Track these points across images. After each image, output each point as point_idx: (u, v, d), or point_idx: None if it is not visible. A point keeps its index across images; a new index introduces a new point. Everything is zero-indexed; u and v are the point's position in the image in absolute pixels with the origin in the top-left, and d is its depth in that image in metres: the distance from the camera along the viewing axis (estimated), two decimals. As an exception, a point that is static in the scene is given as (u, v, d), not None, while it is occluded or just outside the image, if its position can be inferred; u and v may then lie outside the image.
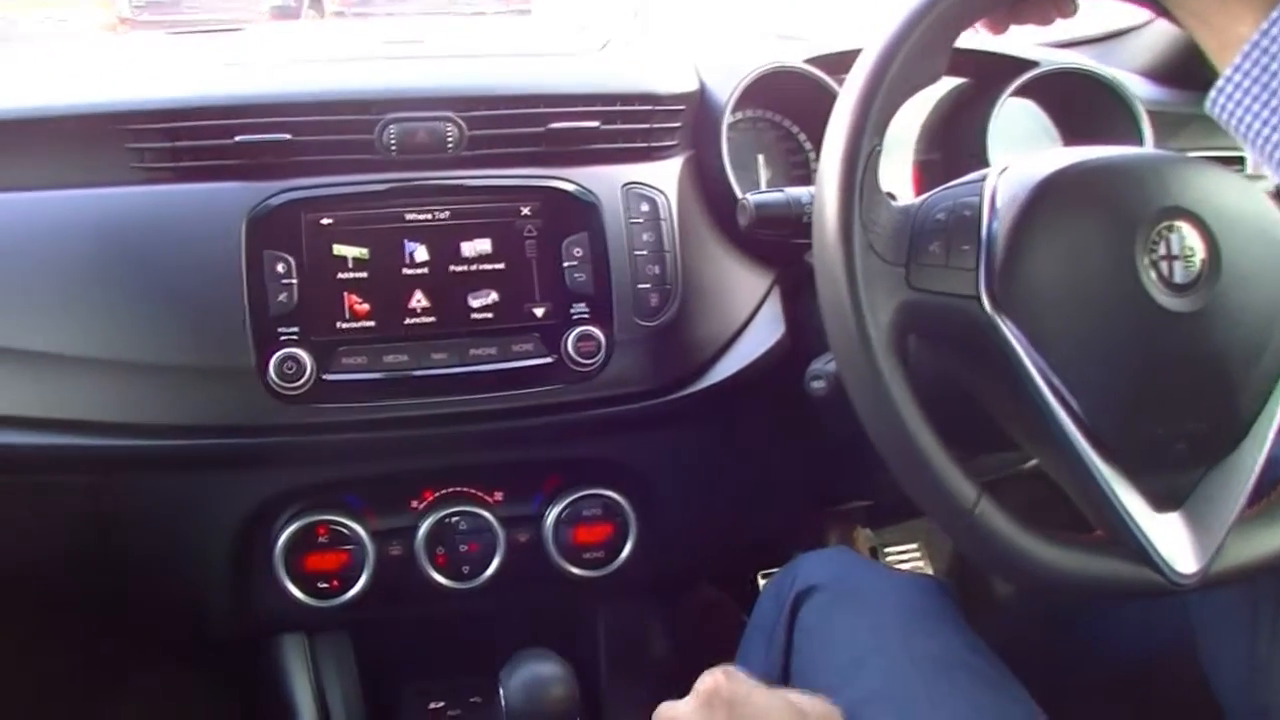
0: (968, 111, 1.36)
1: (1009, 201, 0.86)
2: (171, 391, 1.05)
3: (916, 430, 0.81)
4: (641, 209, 1.14)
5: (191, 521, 1.15)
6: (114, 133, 1.06)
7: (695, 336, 1.16)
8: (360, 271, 1.07)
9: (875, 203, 0.85)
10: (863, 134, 0.84)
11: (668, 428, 1.20)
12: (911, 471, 0.82)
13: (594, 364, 1.10)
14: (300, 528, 1.12)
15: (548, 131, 1.13)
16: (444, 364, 1.08)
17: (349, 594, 1.14)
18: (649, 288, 1.12)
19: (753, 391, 1.19)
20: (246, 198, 1.06)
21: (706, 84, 1.23)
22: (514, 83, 1.16)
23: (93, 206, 1.06)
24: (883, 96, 0.84)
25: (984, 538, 0.82)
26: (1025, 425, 0.88)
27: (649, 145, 1.18)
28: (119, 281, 1.04)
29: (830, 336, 0.85)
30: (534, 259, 1.10)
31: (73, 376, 1.04)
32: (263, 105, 1.08)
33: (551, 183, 1.12)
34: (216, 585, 1.17)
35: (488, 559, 1.16)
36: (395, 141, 1.09)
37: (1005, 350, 0.83)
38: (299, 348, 1.03)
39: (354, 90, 1.12)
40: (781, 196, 1.10)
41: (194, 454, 1.08)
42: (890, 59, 0.84)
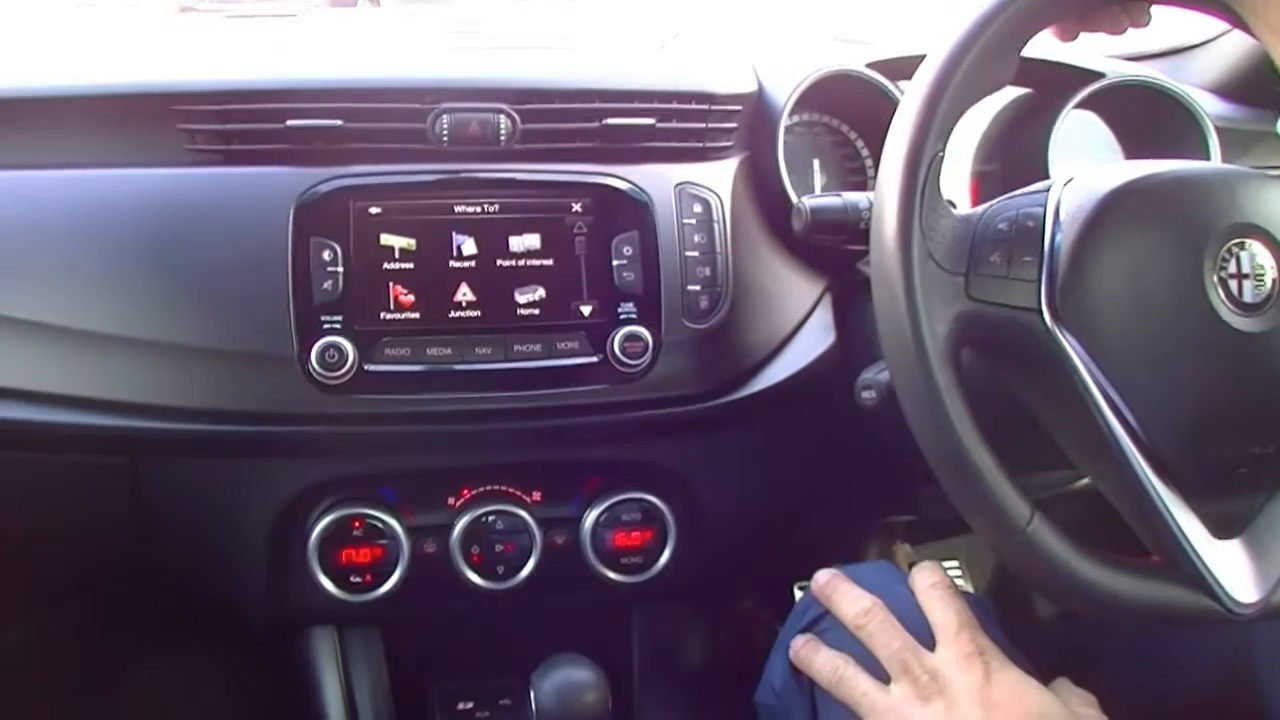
0: (1029, 122, 1.34)
1: (1074, 213, 0.84)
2: (211, 376, 1.05)
3: (970, 443, 0.79)
4: (694, 209, 1.12)
5: (227, 509, 1.14)
6: (167, 113, 1.06)
7: (744, 341, 1.15)
8: (407, 262, 1.06)
9: (936, 210, 0.84)
10: (926, 138, 0.82)
11: (712, 433, 1.18)
12: (963, 485, 0.81)
13: (640, 365, 1.08)
14: (335, 520, 1.12)
15: (602, 128, 1.12)
16: (487, 359, 1.06)
17: (382, 589, 1.13)
18: (699, 290, 1.11)
19: (800, 400, 1.18)
20: (295, 183, 1.05)
21: (764, 85, 1.21)
22: (569, 77, 1.15)
23: (142, 186, 1.06)
24: (948, 100, 0.83)
25: (1036, 557, 0.80)
26: (1082, 443, 0.86)
27: (704, 145, 1.16)
28: (163, 262, 1.04)
29: (885, 344, 0.84)
30: (583, 256, 1.09)
31: (111, 356, 1.04)
32: (315, 90, 1.07)
33: (604, 180, 1.11)
34: (250, 574, 1.17)
35: (523, 560, 1.15)
36: (447, 132, 1.08)
37: (1065, 365, 0.81)
38: (342, 337, 1.02)
39: (408, 79, 1.11)
40: (838, 201, 1.09)
41: (231, 440, 1.07)
42: (958, 61, 0.82)
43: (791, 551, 1.53)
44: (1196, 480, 0.81)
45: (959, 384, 0.81)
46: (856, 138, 1.31)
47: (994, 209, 0.88)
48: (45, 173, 1.07)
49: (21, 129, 1.08)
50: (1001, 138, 1.39)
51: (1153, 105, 1.32)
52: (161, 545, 1.18)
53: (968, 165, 1.40)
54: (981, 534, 0.83)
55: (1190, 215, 0.83)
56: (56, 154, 1.07)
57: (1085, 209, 0.83)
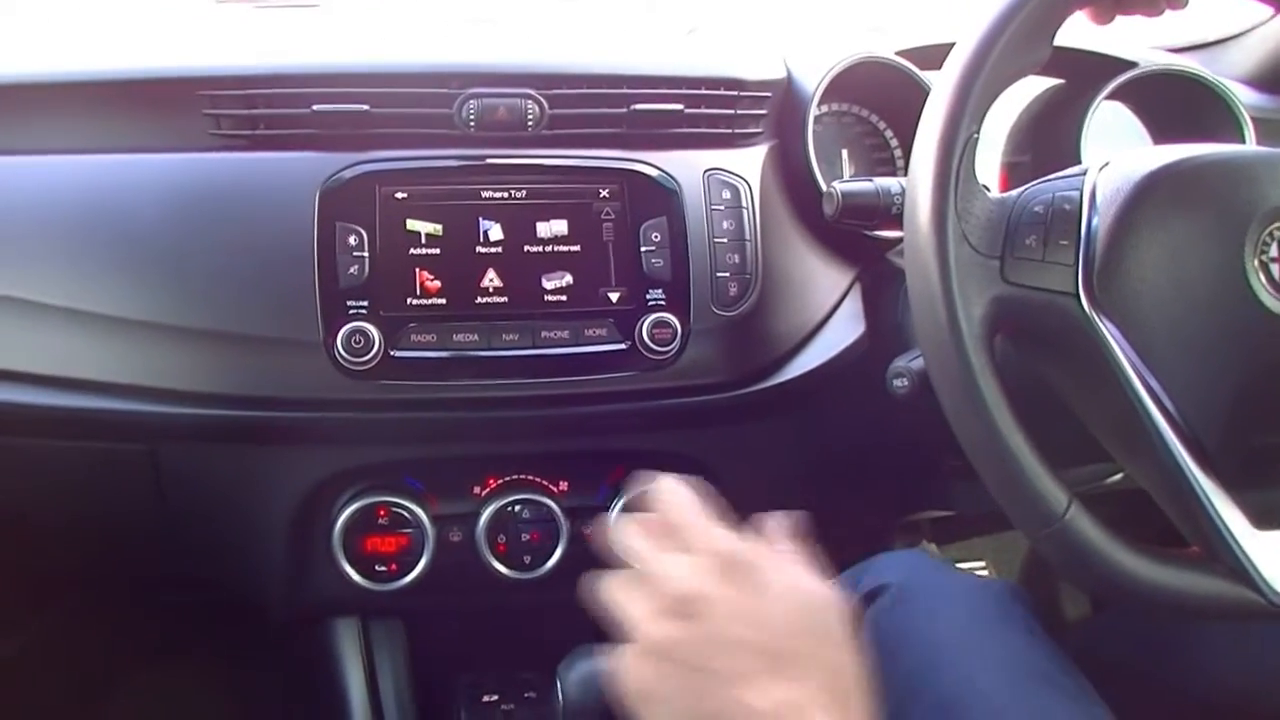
0: (1061, 113, 1.33)
1: (1111, 196, 0.83)
2: (235, 361, 1.04)
3: (1007, 427, 0.78)
4: (723, 196, 1.12)
5: (250, 497, 1.14)
6: (192, 98, 1.06)
7: (773, 329, 1.14)
8: (433, 248, 1.05)
9: (971, 192, 0.83)
10: (961, 119, 0.81)
11: (740, 423, 1.17)
12: (999, 471, 0.80)
13: (668, 352, 1.07)
14: (360, 508, 1.12)
15: (630, 113, 1.11)
16: (514, 345, 1.06)
17: (406, 579, 1.13)
18: (728, 276, 1.10)
19: (829, 390, 1.17)
20: (321, 168, 1.05)
21: (794, 73, 1.20)
22: (598, 62, 1.14)
23: (167, 171, 1.06)
24: (983, 82, 0.82)
25: (1073, 547, 0.79)
26: (1119, 431, 0.84)
27: (732, 132, 1.16)
28: (188, 247, 1.04)
29: (918, 328, 0.83)
30: (611, 242, 1.08)
31: (134, 341, 1.04)
32: (341, 75, 1.07)
33: (632, 166, 1.10)
34: (273, 564, 1.17)
35: (550, 550, 1.15)
36: (474, 117, 1.08)
37: (1102, 350, 0.80)
38: (368, 322, 1.02)
39: (434, 64, 1.11)
40: (870, 186, 1.08)
41: (255, 426, 1.07)
42: (993, 42, 0.81)
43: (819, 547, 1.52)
44: (1236, 469, 0.80)
45: (994, 368, 0.79)
46: (885, 127, 1.30)
47: (1029, 192, 0.87)
48: (70, 158, 1.07)
49: (48, 114, 1.08)
50: (1032, 129, 1.38)
51: (1186, 95, 1.31)
52: (183, 535, 1.18)
53: (998, 156, 1.39)
54: (1017, 522, 0.82)
55: (1231, 199, 0.82)
56: (82, 139, 1.07)
57: (1123, 192, 0.82)
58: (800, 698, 0.69)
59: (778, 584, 0.75)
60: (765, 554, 0.77)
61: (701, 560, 0.76)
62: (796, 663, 0.70)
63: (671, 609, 0.73)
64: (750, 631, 0.71)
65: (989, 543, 1.87)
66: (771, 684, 0.69)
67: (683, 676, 0.71)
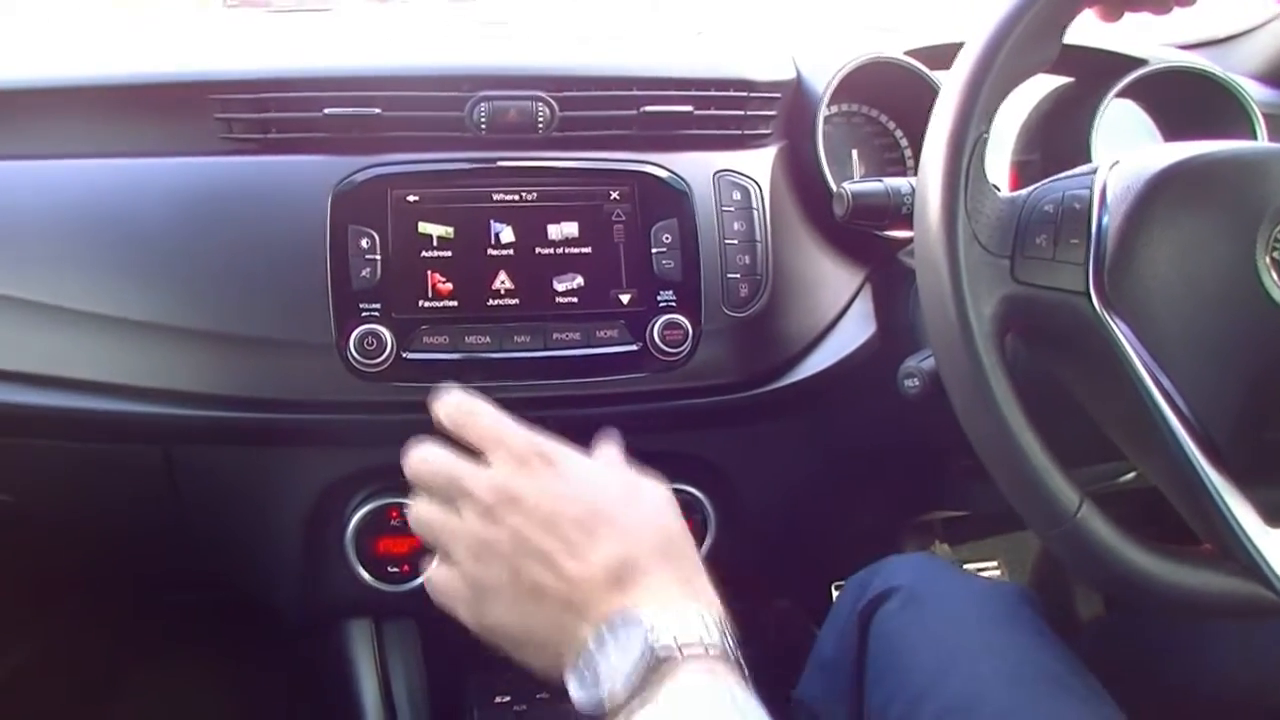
0: (1070, 111, 1.33)
1: (1121, 194, 0.83)
2: (248, 363, 1.05)
3: (1018, 426, 0.78)
4: (733, 197, 1.12)
5: (263, 499, 1.15)
6: (204, 102, 1.06)
7: (784, 329, 1.14)
8: (445, 250, 1.06)
9: (980, 191, 0.83)
10: (970, 119, 0.81)
11: (752, 423, 1.17)
12: (1010, 470, 0.80)
13: (680, 353, 1.08)
14: (373, 510, 1.12)
15: (640, 115, 1.11)
16: (526, 347, 1.06)
17: (419, 579, 1.13)
18: (738, 277, 1.10)
19: (839, 390, 1.17)
20: (333, 172, 1.05)
21: (803, 73, 1.21)
22: (607, 64, 1.15)
23: (179, 175, 1.06)
24: (992, 81, 0.82)
25: (1085, 545, 0.79)
26: (1131, 429, 0.84)
27: (742, 133, 1.16)
28: (200, 250, 1.04)
29: (929, 327, 0.83)
30: (622, 244, 1.09)
31: (147, 343, 1.04)
32: (353, 79, 1.08)
33: (642, 167, 1.11)
34: (287, 565, 1.17)
35: None
36: (485, 120, 1.08)
37: (1113, 349, 0.80)
38: (380, 324, 1.03)
39: (445, 67, 1.11)
40: (880, 186, 1.08)
41: (268, 428, 1.07)
42: (1001, 41, 0.81)
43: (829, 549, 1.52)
44: (1249, 466, 0.79)
45: (1005, 367, 0.80)
46: (895, 127, 1.30)
47: (1039, 191, 0.87)
48: (83, 162, 1.07)
49: (60, 119, 1.08)
50: (1042, 127, 1.38)
51: (1197, 92, 1.31)
52: (197, 536, 1.18)
53: (1008, 155, 1.39)
54: (1029, 521, 0.82)
55: (1243, 196, 0.82)
56: (95, 144, 1.08)
57: (1133, 190, 0.82)
58: (624, 552, 0.71)
59: (581, 465, 0.78)
60: (561, 447, 0.79)
61: (502, 458, 0.77)
62: (614, 524, 0.72)
63: (483, 511, 0.75)
64: (562, 505, 0.73)
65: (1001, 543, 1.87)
66: (594, 549, 0.71)
67: (508, 568, 0.73)
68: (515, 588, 0.73)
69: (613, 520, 0.73)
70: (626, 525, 0.73)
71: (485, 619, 0.76)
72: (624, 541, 0.72)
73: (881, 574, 1.06)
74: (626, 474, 0.80)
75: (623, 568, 0.70)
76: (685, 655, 0.66)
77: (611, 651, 0.67)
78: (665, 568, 0.72)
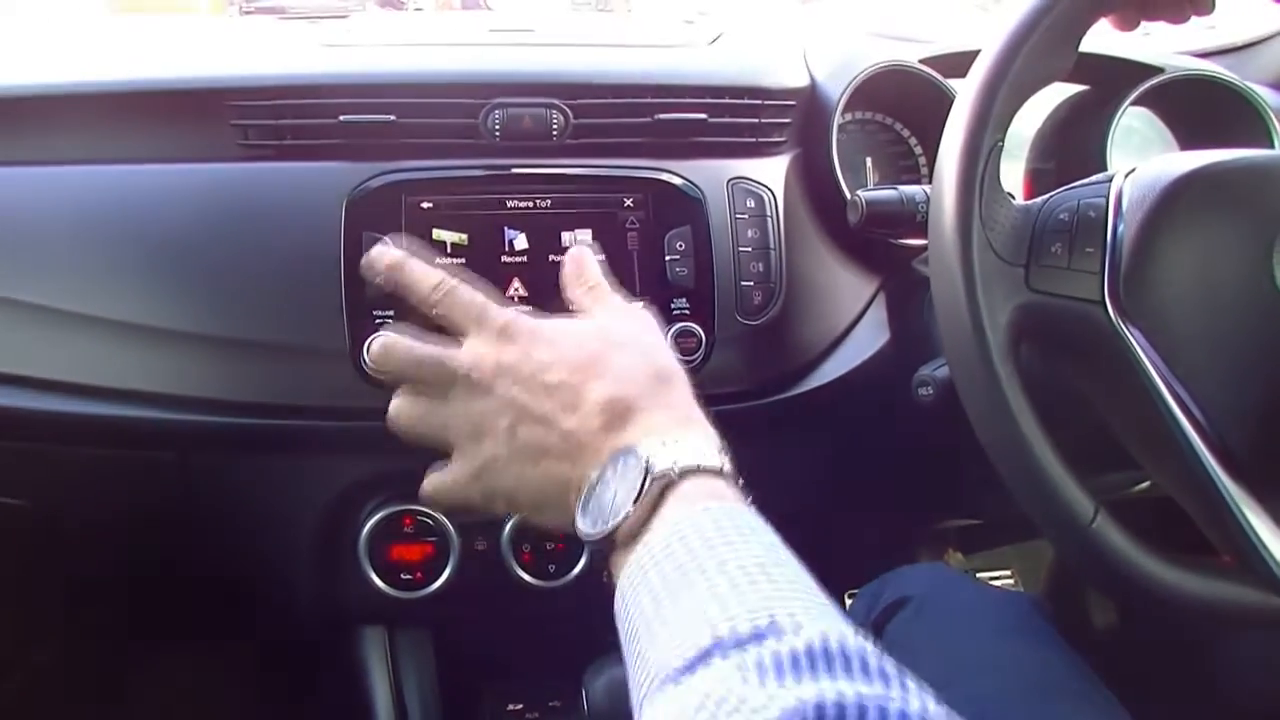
0: (1086, 120, 1.33)
1: (1137, 202, 0.83)
2: (262, 370, 1.05)
3: (1032, 434, 0.78)
4: (747, 204, 1.12)
5: (277, 505, 1.15)
6: (219, 108, 1.07)
7: (798, 337, 1.14)
8: (458, 257, 1.06)
9: (995, 200, 0.83)
10: (985, 127, 0.82)
11: (764, 432, 1.17)
12: (1025, 479, 0.80)
13: (693, 361, 1.08)
14: (386, 517, 1.12)
15: (654, 122, 1.12)
16: (538, 353, 1.06)
17: (432, 587, 1.13)
18: (752, 285, 1.11)
19: (853, 399, 1.17)
20: (347, 178, 1.06)
21: (818, 81, 1.21)
22: (622, 72, 1.15)
23: (194, 181, 1.07)
24: (1007, 89, 0.82)
25: (1100, 554, 0.79)
26: (1147, 439, 0.84)
27: (757, 140, 1.16)
28: (215, 256, 1.05)
29: (944, 336, 0.83)
30: (635, 251, 1.09)
31: (163, 350, 1.05)
32: (368, 85, 1.08)
33: (656, 175, 1.11)
34: (301, 571, 1.17)
35: (574, 558, 1.15)
36: (499, 127, 1.09)
37: (1129, 358, 0.80)
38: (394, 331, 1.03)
39: (460, 73, 1.12)
40: (894, 194, 1.08)
41: (282, 434, 1.08)
42: (1017, 49, 0.82)
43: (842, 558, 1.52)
44: (1266, 475, 0.79)
45: (1020, 376, 0.80)
46: (910, 135, 1.30)
47: (1054, 199, 0.87)
48: (97, 168, 1.08)
49: (75, 125, 1.09)
50: (1057, 135, 1.38)
51: (1214, 101, 1.31)
52: (212, 542, 1.19)
53: (1023, 164, 1.39)
54: (1044, 529, 0.82)
55: (1259, 204, 0.82)
56: (110, 149, 1.08)
57: (1149, 198, 0.82)
58: (618, 394, 0.72)
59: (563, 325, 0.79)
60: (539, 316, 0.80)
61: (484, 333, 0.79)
62: (606, 372, 0.74)
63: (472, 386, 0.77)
64: (552, 366, 0.75)
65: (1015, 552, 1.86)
66: (587, 399, 0.73)
67: (507, 437, 0.75)
68: (519, 454, 0.74)
69: (604, 369, 0.74)
70: (618, 371, 0.74)
71: (493, 492, 0.78)
72: (616, 385, 0.73)
73: (894, 584, 1.06)
74: (611, 319, 0.81)
75: (616, 410, 0.72)
76: (683, 475, 0.69)
77: (612, 481, 0.69)
78: (659, 403, 0.74)
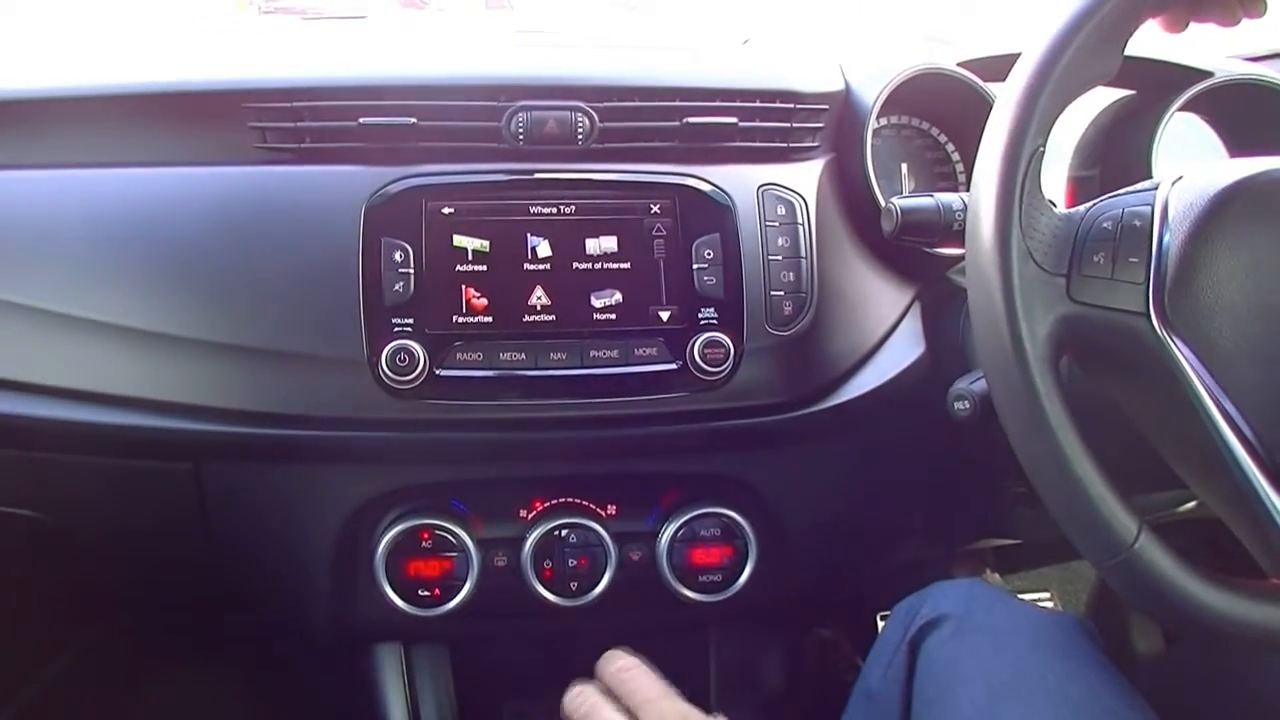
0: (1131, 125, 1.32)
1: (1184, 211, 0.82)
2: (278, 379, 1.05)
3: (1072, 451, 0.77)
4: (778, 212, 1.12)
5: (292, 518, 1.15)
6: (238, 111, 1.07)
7: (829, 349, 1.14)
8: (480, 264, 1.06)
9: (1036, 207, 0.82)
10: (1026, 132, 0.81)
11: (795, 446, 1.17)
12: (1064, 497, 0.79)
13: (721, 372, 1.08)
14: (403, 531, 1.12)
15: (683, 127, 1.12)
16: (562, 365, 1.06)
17: (450, 604, 1.13)
18: (782, 295, 1.10)
19: (886, 413, 1.16)
20: (367, 182, 1.06)
21: (851, 84, 1.21)
22: (649, 75, 1.15)
23: (211, 185, 1.07)
24: (1050, 93, 0.81)
25: (1143, 577, 0.78)
26: (1192, 457, 0.83)
27: (788, 146, 1.16)
28: (231, 262, 1.05)
29: (981, 348, 0.82)
30: (662, 259, 1.09)
31: (178, 358, 1.05)
32: (389, 88, 1.08)
33: (684, 180, 1.11)
34: (316, 585, 1.17)
35: (597, 576, 1.15)
36: (523, 131, 1.09)
37: (1174, 372, 0.79)
38: (413, 340, 1.03)
39: (483, 76, 1.12)
40: (930, 201, 1.08)
41: (298, 445, 1.08)
42: (1060, 52, 0.81)
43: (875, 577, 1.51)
44: (1317, 496, 0.79)
45: (1060, 389, 0.79)
46: (946, 141, 1.29)
47: (1098, 207, 0.86)
48: (113, 171, 1.09)
49: (92, 127, 1.10)
50: (1101, 142, 1.37)
51: (1265, 106, 1.30)
52: (225, 555, 1.19)
53: (1065, 170, 1.38)
54: (1084, 550, 0.81)
55: None
56: (126, 152, 1.09)
57: (1197, 207, 0.81)
58: None
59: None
60: None
61: None
62: None
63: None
64: None
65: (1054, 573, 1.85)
66: None
67: None
68: None
69: None
70: None
71: None
72: None
73: (930, 600, 1.05)
74: None
75: None
76: None
77: None
78: None
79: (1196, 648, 1.24)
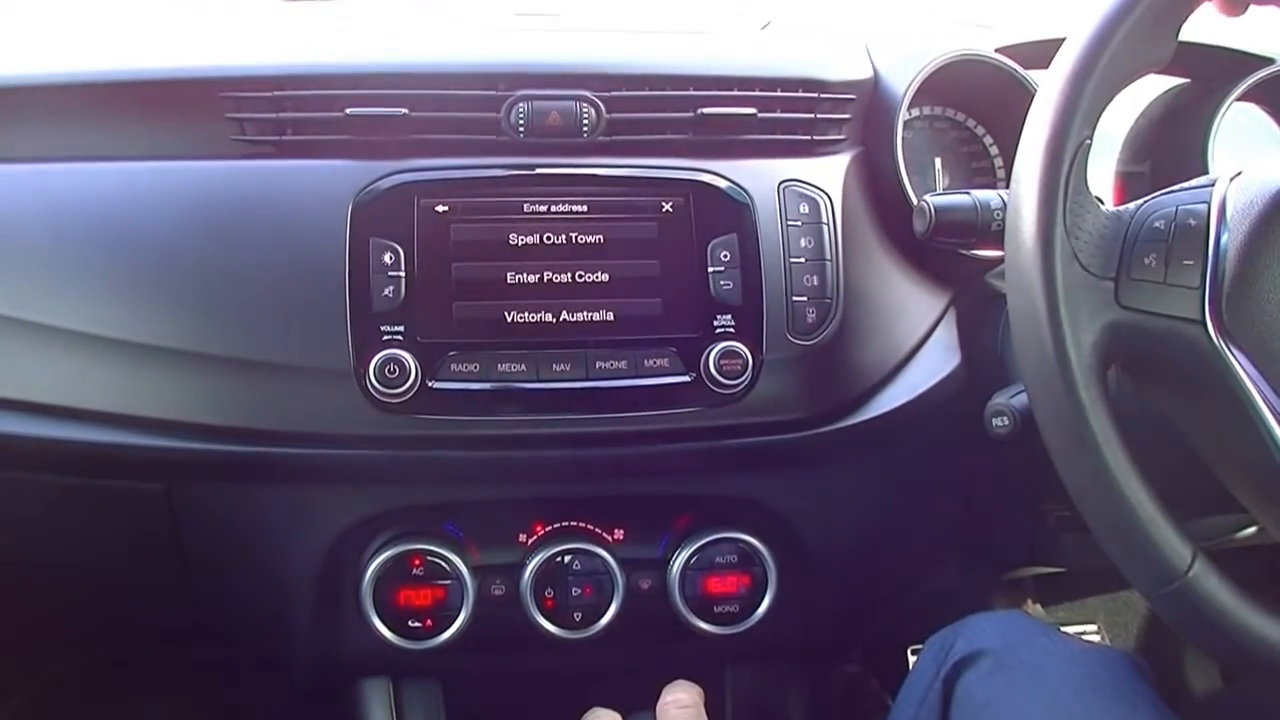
0: (1185, 117, 1.32)
1: (1244, 210, 0.82)
2: (257, 391, 1.05)
3: (1120, 471, 0.77)
4: (800, 210, 1.12)
5: (272, 543, 1.15)
6: (215, 101, 1.07)
7: (856, 360, 1.14)
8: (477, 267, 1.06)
9: (1082, 205, 0.82)
10: (1071, 124, 0.81)
11: (818, 466, 1.17)
12: (1112, 522, 0.79)
13: (739, 385, 1.07)
14: (392, 557, 1.12)
15: (697, 118, 1.12)
16: (565, 377, 1.06)
17: (443, 636, 1.13)
18: (805, 301, 1.10)
19: (919, 430, 1.16)
20: (354, 178, 1.06)
21: (881, 72, 1.21)
22: (660, 61, 1.15)
23: (185, 180, 1.07)
24: (1097, 81, 0.82)
25: (1197, 608, 0.78)
26: (1251, 477, 0.84)
27: (812, 139, 1.16)
28: (207, 264, 1.05)
29: (1022, 359, 0.82)
30: (674, 262, 1.09)
31: (148, 368, 1.05)
32: (378, 76, 1.09)
33: (699, 176, 1.11)
34: (298, 616, 1.18)
35: (603, 606, 1.15)
36: (524, 122, 1.09)
37: (1232, 385, 0.79)
38: (403, 350, 1.03)
39: (480, 63, 1.12)
40: (967, 199, 1.08)
41: (278, 463, 1.08)
42: (1108, 37, 0.81)
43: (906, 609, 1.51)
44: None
45: (1107, 403, 0.79)
46: (984, 134, 1.30)
47: (1149, 205, 0.86)
48: (80, 165, 1.09)
49: (57, 118, 1.10)
50: (1153, 134, 1.37)
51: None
52: (200, 583, 1.19)
53: (1113, 165, 1.38)
54: (1133, 579, 0.81)
55: None
56: (94, 145, 1.09)
57: (1258, 205, 0.82)
58: None
59: None
60: None
61: None
62: None
63: None
64: None
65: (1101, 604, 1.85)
66: None
67: None
68: None
69: None
70: None
71: None
72: None
73: (966, 634, 1.05)
74: None
75: None
76: None
77: None
78: None
79: (1257, 686, 1.24)
